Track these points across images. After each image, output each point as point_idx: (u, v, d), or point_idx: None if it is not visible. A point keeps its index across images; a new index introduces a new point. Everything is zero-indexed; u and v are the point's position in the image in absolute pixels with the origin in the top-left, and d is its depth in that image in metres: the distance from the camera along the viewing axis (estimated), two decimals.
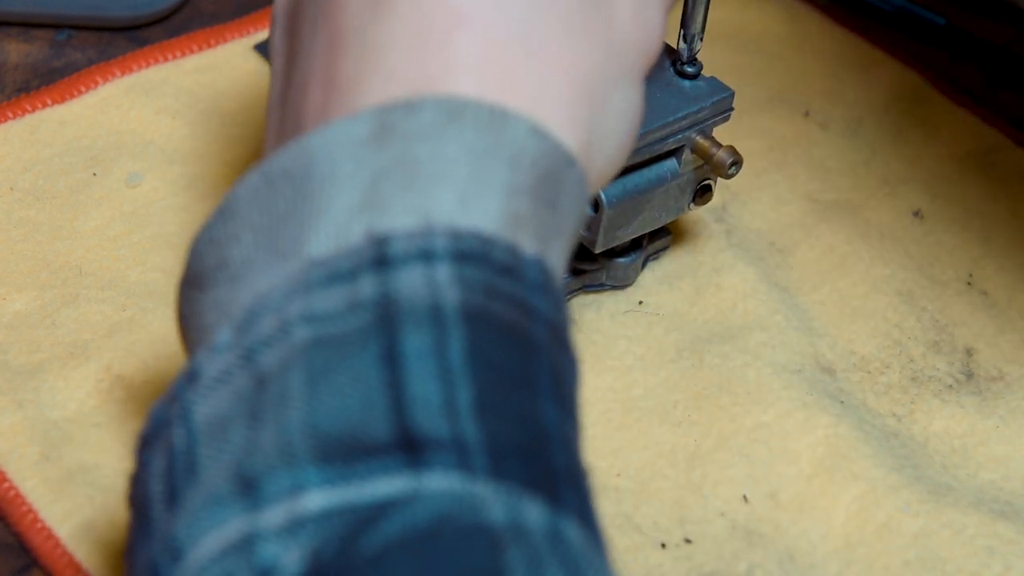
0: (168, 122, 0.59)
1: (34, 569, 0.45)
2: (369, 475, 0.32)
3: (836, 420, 0.50)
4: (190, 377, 0.35)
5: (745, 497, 0.48)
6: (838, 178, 0.60)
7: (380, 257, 0.34)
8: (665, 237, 0.55)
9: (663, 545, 0.47)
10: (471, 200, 0.36)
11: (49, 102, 0.58)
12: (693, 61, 0.51)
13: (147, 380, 0.50)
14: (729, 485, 0.48)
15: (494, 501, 0.32)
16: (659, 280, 0.55)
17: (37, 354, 0.50)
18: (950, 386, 0.53)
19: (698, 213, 0.57)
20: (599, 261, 0.53)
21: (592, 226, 0.50)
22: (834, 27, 0.67)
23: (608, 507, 0.47)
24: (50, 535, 0.45)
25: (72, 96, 0.59)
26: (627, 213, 0.50)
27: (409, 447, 0.32)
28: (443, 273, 0.34)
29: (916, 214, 0.59)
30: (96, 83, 0.59)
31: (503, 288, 0.35)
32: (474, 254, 0.35)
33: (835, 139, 0.62)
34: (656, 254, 0.55)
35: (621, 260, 0.53)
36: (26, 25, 0.63)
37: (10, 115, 0.58)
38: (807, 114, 0.63)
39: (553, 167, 0.37)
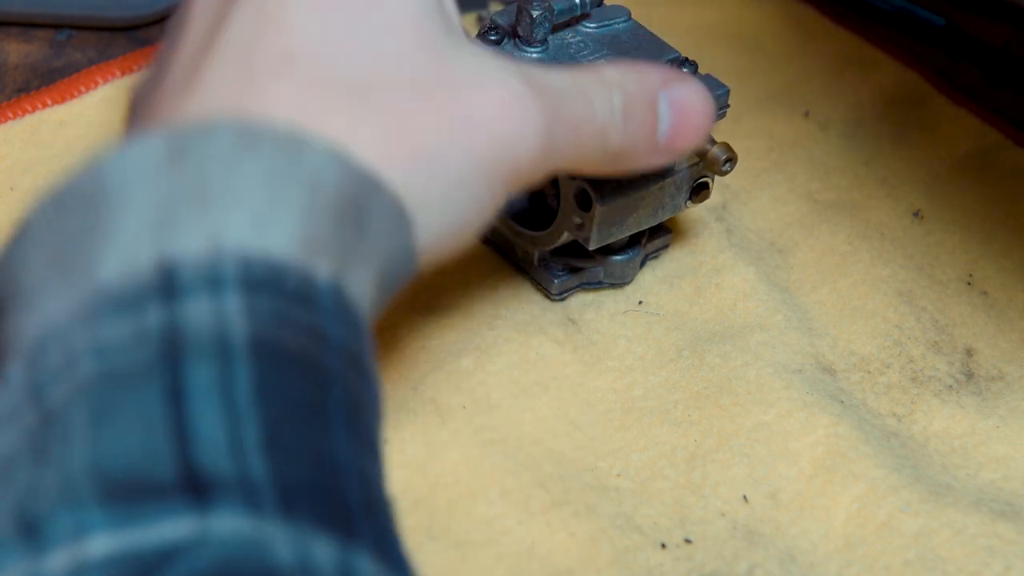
0: None
1: None
2: (155, 517, 0.31)
3: (836, 420, 0.50)
4: None
5: (745, 497, 0.48)
6: (838, 178, 0.60)
7: (167, 285, 0.33)
8: (665, 235, 0.55)
9: (663, 545, 0.47)
10: (265, 223, 0.35)
11: (49, 102, 0.58)
12: (688, 62, 0.51)
13: None
14: (729, 485, 0.48)
15: (282, 542, 0.31)
16: (659, 280, 0.55)
17: None
18: (950, 386, 0.53)
19: (698, 212, 0.57)
20: (596, 258, 0.53)
21: (585, 223, 0.50)
22: (834, 27, 0.67)
23: (608, 507, 0.47)
24: None
25: (72, 96, 0.59)
26: (621, 210, 0.50)
27: (194, 488, 0.31)
28: (231, 303, 0.33)
29: (916, 214, 0.59)
30: (96, 83, 0.59)
31: (294, 317, 0.34)
32: (265, 282, 0.34)
33: (835, 139, 0.62)
34: (656, 253, 0.55)
35: (618, 258, 0.53)
36: (26, 25, 0.63)
37: (10, 115, 0.58)
38: (807, 114, 0.63)
39: (359, 191, 0.37)
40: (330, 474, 0.33)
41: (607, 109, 0.44)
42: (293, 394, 0.33)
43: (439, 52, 0.40)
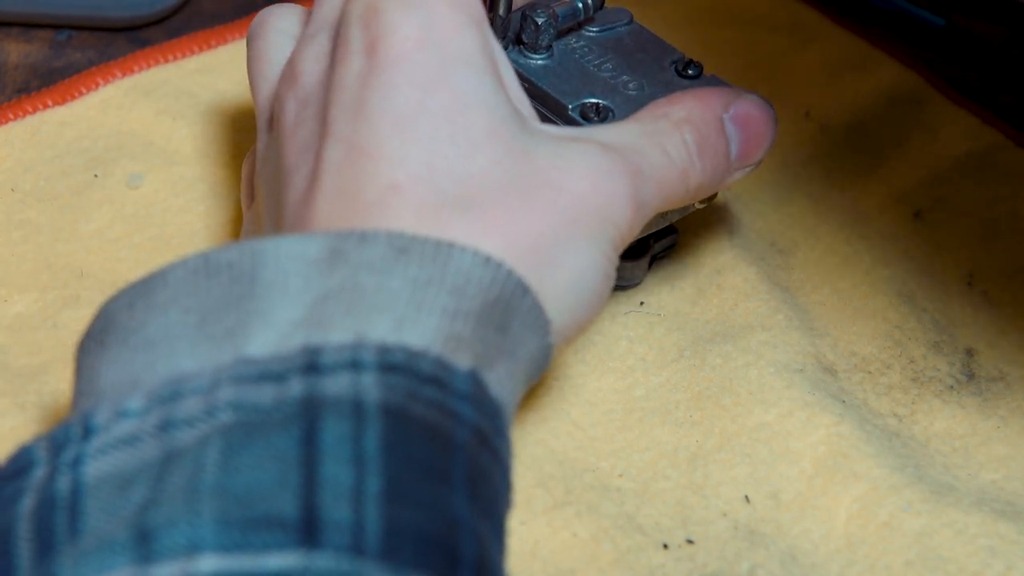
0: (169, 123, 0.59)
1: None
2: (265, 548, 0.32)
3: (838, 420, 0.50)
4: (85, 431, 0.36)
5: (747, 497, 0.48)
6: (838, 178, 0.60)
7: (311, 364, 0.36)
8: (672, 235, 0.55)
9: (665, 546, 0.47)
10: (406, 324, 0.37)
11: (50, 103, 0.58)
12: (693, 63, 0.51)
13: None
14: (731, 485, 0.49)
15: None
16: (660, 280, 0.55)
17: (38, 356, 0.50)
18: (951, 387, 0.53)
19: (698, 213, 0.57)
20: None
21: None
22: (834, 27, 0.67)
23: (610, 508, 0.47)
24: None
25: (73, 97, 0.59)
26: None
27: (309, 526, 0.33)
28: (368, 378, 0.36)
29: (916, 214, 0.59)
30: (97, 84, 0.59)
31: (425, 394, 0.36)
32: (399, 365, 0.36)
33: (835, 139, 0.62)
34: (663, 253, 0.55)
35: (627, 260, 0.53)
36: (26, 25, 0.63)
37: (11, 116, 0.58)
38: (807, 114, 0.63)
39: (503, 294, 0.39)
40: (446, 527, 0.34)
41: (683, 153, 0.46)
42: (417, 452, 0.35)
43: (523, 150, 0.42)
